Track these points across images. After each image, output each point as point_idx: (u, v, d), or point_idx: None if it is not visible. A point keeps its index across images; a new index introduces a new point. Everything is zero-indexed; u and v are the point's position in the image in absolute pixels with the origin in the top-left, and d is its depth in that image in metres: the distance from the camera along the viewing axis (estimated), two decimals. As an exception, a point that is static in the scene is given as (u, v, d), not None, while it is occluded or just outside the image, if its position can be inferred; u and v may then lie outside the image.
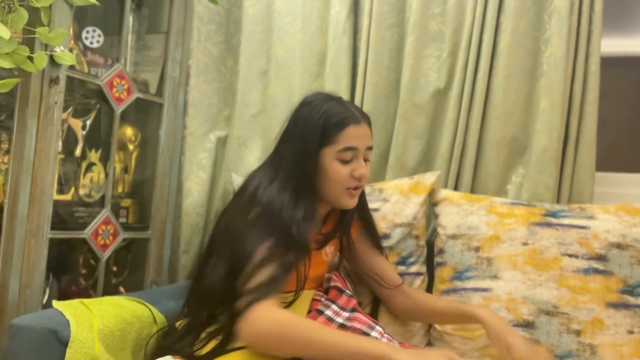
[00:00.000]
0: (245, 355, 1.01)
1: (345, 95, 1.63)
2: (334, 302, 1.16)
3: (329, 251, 1.26)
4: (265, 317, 0.97)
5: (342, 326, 1.11)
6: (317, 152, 1.13)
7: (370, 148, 1.18)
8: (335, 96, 1.19)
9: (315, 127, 1.13)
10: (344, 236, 1.29)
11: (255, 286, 1.01)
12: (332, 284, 1.22)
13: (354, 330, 1.09)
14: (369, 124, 1.19)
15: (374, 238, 1.33)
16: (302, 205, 1.11)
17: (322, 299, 1.17)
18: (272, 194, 1.12)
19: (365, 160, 1.18)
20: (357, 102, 1.62)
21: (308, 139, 1.13)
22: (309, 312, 1.12)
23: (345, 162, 1.14)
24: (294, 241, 1.07)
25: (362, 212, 1.31)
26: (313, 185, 1.15)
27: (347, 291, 1.22)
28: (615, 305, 1.27)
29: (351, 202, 1.18)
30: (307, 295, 1.17)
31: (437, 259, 1.42)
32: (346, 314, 1.14)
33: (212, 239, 1.20)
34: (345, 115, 1.14)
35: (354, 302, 1.20)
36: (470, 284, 1.34)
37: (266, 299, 0.99)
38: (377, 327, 1.13)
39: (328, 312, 1.13)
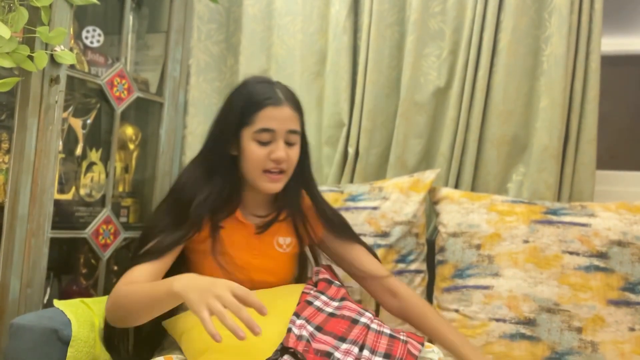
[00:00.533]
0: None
1: (345, 94, 1.64)
2: (323, 293, 1.16)
3: (283, 242, 1.24)
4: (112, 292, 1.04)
5: (331, 315, 1.09)
6: (236, 132, 1.14)
7: (293, 132, 1.15)
8: (267, 79, 1.19)
9: (236, 107, 1.15)
10: (299, 228, 1.25)
11: (130, 257, 1.09)
12: (321, 276, 1.22)
13: (344, 317, 1.09)
14: (297, 108, 1.17)
15: (338, 231, 1.27)
16: (212, 184, 1.14)
17: (312, 292, 1.17)
18: (188, 170, 1.17)
19: (290, 144, 1.16)
20: (357, 100, 1.62)
21: (228, 118, 1.15)
22: (299, 303, 1.12)
23: (262, 143, 1.13)
24: (186, 216, 1.11)
25: (317, 208, 1.25)
26: (236, 167, 1.17)
27: (336, 282, 1.21)
28: (616, 303, 1.27)
29: (271, 186, 1.16)
30: (296, 289, 1.17)
31: (438, 257, 1.42)
32: (335, 304, 1.13)
33: None
34: (265, 96, 1.13)
35: (343, 291, 1.19)
36: (471, 281, 1.34)
37: (128, 271, 1.06)
38: (367, 314, 1.11)
39: (317, 303, 1.12)
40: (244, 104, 1.14)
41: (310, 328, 1.03)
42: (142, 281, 1.04)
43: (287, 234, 1.25)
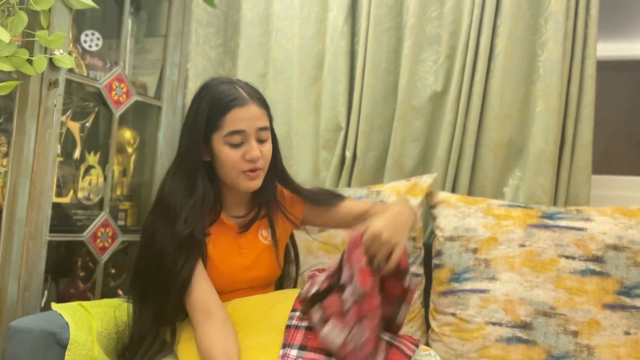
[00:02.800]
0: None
1: (343, 98, 1.64)
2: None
3: (267, 234, 1.24)
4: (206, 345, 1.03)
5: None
6: (207, 139, 1.13)
7: (263, 128, 1.14)
8: (230, 79, 1.17)
9: (202, 114, 1.13)
10: (279, 219, 1.25)
11: (161, 299, 1.09)
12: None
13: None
14: (262, 104, 1.15)
15: (327, 202, 1.28)
16: (195, 196, 1.12)
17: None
18: (169, 188, 1.14)
19: (262, 140, 1.15)
20: (354, 104, 1.63)
21: (196, 127, 1.13)
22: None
23: (235, 146, 1.12)
24: (184, 237, 1.09)
25: (300, 195, 1.27)
26: (214, 172, 1.16)
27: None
28: (612, 307, 1.27)
29: (251, 184, 1.15)
30: (290, 295, 1.16)
31: (435, 261, 1.43)
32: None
33: None
34: (230, 98, 1.12)
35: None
36: (468, 285, 1.35)
37: (199, 319, 1.07)
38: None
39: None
40: (210, 109, 1.12)
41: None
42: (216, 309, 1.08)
43: (268, 226, 1.25)
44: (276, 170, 1.23)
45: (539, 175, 1.51)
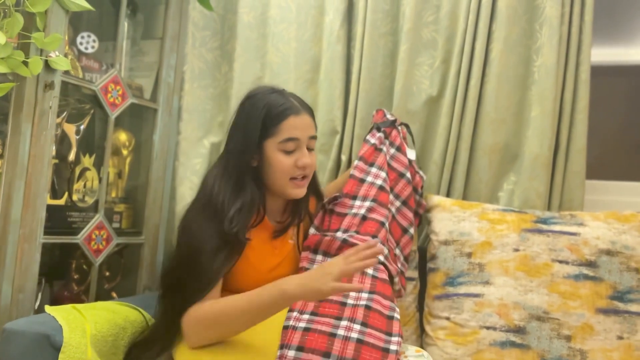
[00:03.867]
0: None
1: (339, 102, 1.65)
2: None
3: (292, 233, 1.29)
4: (187, 322, 1.06)
5: (344, 241, 1.23)
6: (260, 144, 1.16)
7: (313, 137, 1.21)
8: (277, 89, 1.22)
9: (256, 119, 1.16)
10: (300, 221, 1.31)
11: (186, 295, 1.09)
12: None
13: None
14: (311, 114, 1.22)
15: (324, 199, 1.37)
16: (242, 198, 1.15)
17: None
18: (220, 187, 1.16)
19: (310, 149, 1.21)
20: (350, 108, 1.63)
21: (250, 131, 1.16)
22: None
23: (288, 152, 1.17)
24: (229, 236, 1.11)
25: (317, 195, 1.34)
26: (261, 178, 1.19)
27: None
28: (605, 311, 1.28)
29: (298, 192, 1.21)
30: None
31: (430, 265, 1.43)
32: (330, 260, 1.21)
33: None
34: (285, 106, 1.16)
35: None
36: (462, 289, 1.35)
37: (193, 306, 1.07)
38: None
39: (315, 266, 1.21)
40: (265, 115, 1.16)
41: (305, 316, 1.09)
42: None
43: (296, 227, 1.31)
44: (315, 179, 1.29)
45: (533, 179, 1.51)
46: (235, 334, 1.07)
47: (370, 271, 1.22)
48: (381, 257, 1.24)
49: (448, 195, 1.58)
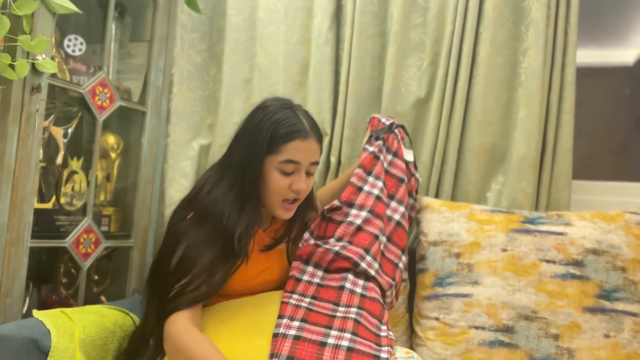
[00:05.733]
0: None
1: (328, 104, 1.65)
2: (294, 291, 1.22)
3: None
4: (169, 331, 1.03)
5: (336, 254, 1.23)
6: (262, 158, 1.15)
7: (315, 163, 1.18)
8: (292, 104, 1.19)
9: (264, 133, 1.14)
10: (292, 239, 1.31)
11: (179, 295, 1.06)
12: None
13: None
14: (319, 139, 1.19)
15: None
16: (246, 210, 1.14)
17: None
18: (217, 196, 1.14)
19: (309, 174, 1.19)
20: (339, 110, 1.64)
21: (256, 144, 1.14)
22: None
23: (286, 174, 1.15)
24: (233, 249, 1.10)
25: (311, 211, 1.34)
26: (256, 190, 1.17)
27: (304, 277, 1.25)
28: (592, 310, 1.29)
29: (285, 214, 1.19)
30: (277, 297, 1.19)
31: (419, 266, 1.44)
32: (320, 273, 1.23)
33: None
34: (295, 128, 1.14)
35: (312, 288, 1.23)
36: (451, 289, 1.36)
37: (182, 310, 1.05)
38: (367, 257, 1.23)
39: (305, 277, 1.21)
40: (272, 132, 1.13)
41: (295, 323, 1.08)
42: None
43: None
44: (308, 199, 1.27)
45: (521, 180, 1.53)
46: None
47: (359, 290, 1.20)
48: (372, 272, 1.23)
49: (437, 196, 1.59)
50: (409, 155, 1.45)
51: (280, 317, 1.11)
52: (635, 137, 1.80)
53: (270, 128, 1.13)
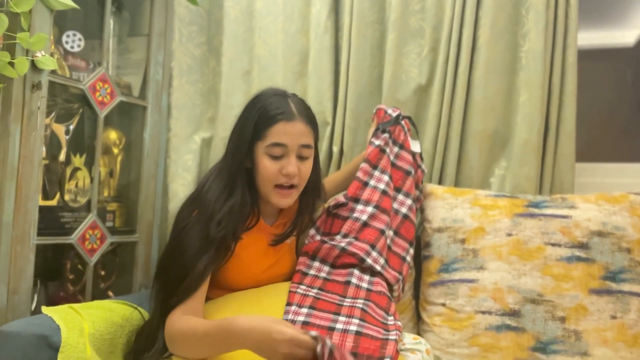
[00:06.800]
0: None
1: (328, 94, 1.65)
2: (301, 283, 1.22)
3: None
4: (167, 328, 1.05)
5: (342, 250, 1.23)
6: (251, 146, 1.15)
7: (306, 146, 1.16)
8: (281, 91, 1.19)
9: (250, 121, 1.15)
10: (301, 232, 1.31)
11: (172, 295, 1.08)
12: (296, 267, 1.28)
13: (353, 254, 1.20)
14: (309, 122, 1.17)
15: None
16: (232, 200, 1.13)
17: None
18: (212, 187, 1.16)
19: (302, 157, 1.16)
20: (340, 100, 1.64)
21: (243, 133, 1.15)
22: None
23: (274, 158, 1.14)
24: (214, 238, 1.10)
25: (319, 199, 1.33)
26: (252, 180, 1.17)
27: (311, 272, 1.25)
28: (598, 292, 1.30)
29: (283, 202, 1.17)
30: (284, 288, 1.20)
31: (424, 252, 1.44)
32: (327, 269, 1.23)
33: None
34: (278, 111, 1.13)
35: (319, 281, 1.23)
36: (457, 275, 1.36)
37: (175, 309, 1.06)
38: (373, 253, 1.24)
39: (312, 271, 1.22)
40: (258, 118, 1.14)
41: (304, 310, 1.09)
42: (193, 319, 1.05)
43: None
44: (315, 189, 1.26)
45: (524, 164, 1.53)
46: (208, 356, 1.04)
47: (365, 285, 1.20)
48: (377, 267, 1.23)
49: (440, 182, 1.59)
50: (415, 147, 1.44)
51: (288, 304, 1.12)
52: (638, 117, 1.79)
53: (256, 114, 1.14)
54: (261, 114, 1.14)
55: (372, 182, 1.33)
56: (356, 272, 1.21)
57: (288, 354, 0.88)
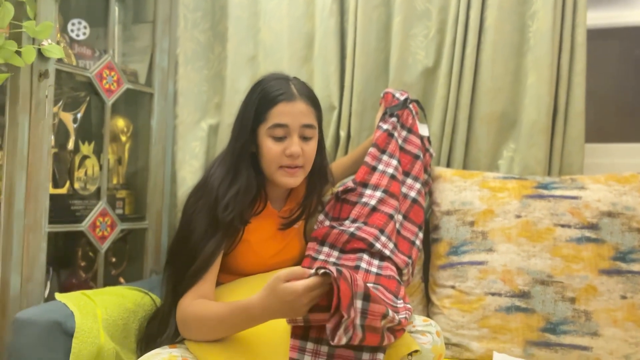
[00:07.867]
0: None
1: (334, 78, 1.64)
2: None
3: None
4: (179, 313, 1.06)
5: (351, 235, 1.22)
6: (253, 129, 1.16)
7: (308, 126, 1.16)
8: (283, 75, 1.19)
9: (252, 105, 1.16)
10: (310, 215, 1.31)
11: (183, 280, 1.09)
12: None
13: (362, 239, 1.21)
14: (311, 102, 1.17)
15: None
16: (238, 183, 1.14)
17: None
18: (214, 171, 1.17)
19: (305, 138, 1.17)
20: (347, 83, 1.63)
21: (246, 117, 1.16)
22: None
23: (277, 139, 1.15)
24: (221, 222, 1.11)
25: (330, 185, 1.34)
26: (258, 164, 1.18)
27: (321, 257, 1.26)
28: (608, 272, 1.30)
29: (289, 181, 1.17)
30: None
31: (433, 236, 1.44)
32: (336, 254, 1.23)
33: None
34: (278, 92, 1.14)
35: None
36: (466, 258, 1.37)
37: (186, 293, 1.07)
38: (382, 238, 1.23)
39: (321, 257, 1.22)
40: (259, 101, 1.15)
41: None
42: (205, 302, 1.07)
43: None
44: (321, 171, 1.26)
45: (532, 146, 1.52)
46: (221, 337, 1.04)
47: (374, 269, 1.21)
48: (387, 252, 1.23)
49: (448, 165, 1.59)
50: (424, 130, 1.44)
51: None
52: (648, 97, 1.77)
53: (257, 98, 1.15)
54: (262, 97, 1.15)
55: (380, 167, 1.32)
56: (365, 256, 1.21)
57: (308, 302, 0.91)
